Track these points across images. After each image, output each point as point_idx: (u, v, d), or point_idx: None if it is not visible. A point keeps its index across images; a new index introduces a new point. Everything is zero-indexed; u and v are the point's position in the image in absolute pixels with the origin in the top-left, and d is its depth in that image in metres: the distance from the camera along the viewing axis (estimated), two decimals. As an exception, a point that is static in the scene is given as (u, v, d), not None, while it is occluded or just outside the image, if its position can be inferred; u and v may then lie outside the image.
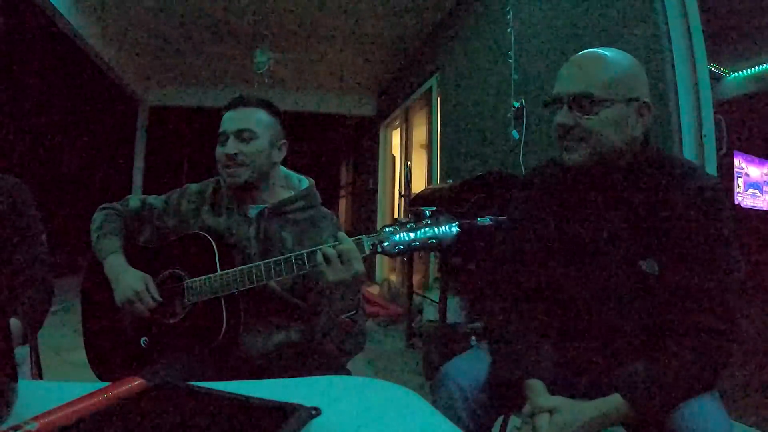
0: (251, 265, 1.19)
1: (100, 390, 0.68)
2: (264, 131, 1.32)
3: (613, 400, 0.95)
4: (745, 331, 1.01)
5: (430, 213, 1.08)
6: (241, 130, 1.29)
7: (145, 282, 1.27)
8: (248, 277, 1.18)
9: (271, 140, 1.33)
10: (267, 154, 1.32)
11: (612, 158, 1.06)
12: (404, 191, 4.48)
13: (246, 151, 1.29)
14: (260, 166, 1.31)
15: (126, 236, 1.38)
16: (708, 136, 2.09)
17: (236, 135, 1.29)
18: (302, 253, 1.14)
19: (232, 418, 0.66)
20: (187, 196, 1.40)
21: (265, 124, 1.33)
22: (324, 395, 0.79)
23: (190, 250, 1.28)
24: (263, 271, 1.17)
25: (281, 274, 1.16)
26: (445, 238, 1.07)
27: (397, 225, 1.09)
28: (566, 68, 1.08)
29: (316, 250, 1.12)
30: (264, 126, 1.32)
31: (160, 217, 1.40)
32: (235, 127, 1.30)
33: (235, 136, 1.29)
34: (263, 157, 1.31)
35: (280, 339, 1.28)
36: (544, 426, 0.96)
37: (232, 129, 1.30)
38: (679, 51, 2.13)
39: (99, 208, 1.42)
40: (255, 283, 1.18)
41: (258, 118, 1.32)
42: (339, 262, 1.09)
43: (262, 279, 1.18)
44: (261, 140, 1.31)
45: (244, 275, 1.19)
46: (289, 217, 1.35)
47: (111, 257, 1.31)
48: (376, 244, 1.09)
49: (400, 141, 6.73)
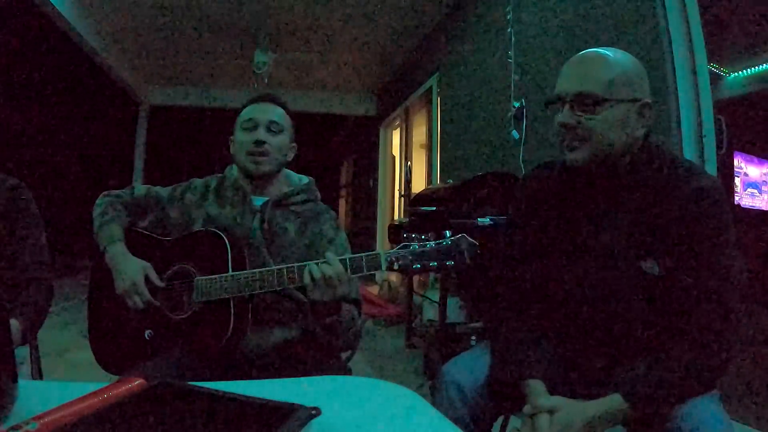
0: (264, 269, 1.19)
1: (100, 390, 0.68)
2: (288, 129, 1.41)
3: (613, 400, 0.95)
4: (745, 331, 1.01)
5: (450, 233, 1.09)
6: (272, 122, 1.36)
7: (145, 272, 1.26)
8: (260, 284, 1.18)
9: (290, 139, 1.42)
10: (286, 151, 1.40)
11: (613, 158, 1.06)
12: (404, 191, 4.49)
13: (273, 142, 1.35)
14: (280, 160, 1.38)
15: (128, 223, 1.38)
16: (708, 136, 2.09)
17: (267, 125, 1.36)
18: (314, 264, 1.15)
19: (232, 418, 0.66)
20: (191, 189, 1.43)
21: (289, 122, 1.41)
22: (324, 395, 0.79)
23: (203, 247, 1.28)
24: (275, 279, 1.17)
25: (293, 283, 1.16)
26: (464, 259, 1.07)
27: (415, 243, 1.10)
28: (568, 68, 1.08)
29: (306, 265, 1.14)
30: (288, 124, 1.41)
31: (164, 207, 1.41)
32: (267, 118, 1.36)
33: (265, 126, 1.35)
34: (284, 152, 1.39)
35: (282, 336, 1.29)
36: (544, 426, 0.96)
37: (264, 119, 1.36)
38: (679, 51, 2.13)
39: (102, 195, 1.41)
40: (266, 289, 1.18)
41: (285, 115, 1.40)
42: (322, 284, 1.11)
43: (274, 285, 1.18)
44: (285, 136, 1.39)
45: (256, 280, 1.18)
46: (292, 208, 1.38)
47: (112, 246, 1.31)
48: (393, 261, 1.10)
49: (400, 141, 6.73)
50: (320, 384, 0.88)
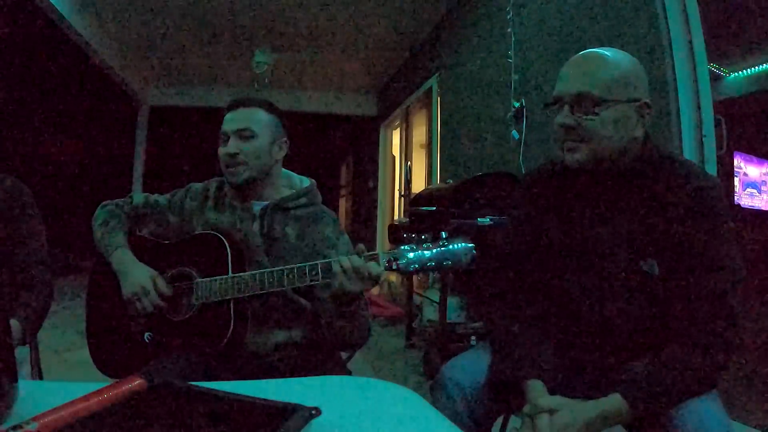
0: (264, 271, 1.19)
1: (100, 390, 0.68)
2: (264, 130, 1.34)
3: (613, 400, 0.95)
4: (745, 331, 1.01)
5: (447, 234, 1.09)
6: (240, 130, 1.31)
7: (153, 278, 1.27)
8: (260, 284, 1.19)
9: (271, 138, 1.35)
10: (267, 152, 1.34)
11: (613, 158, 1.06)
12: (404, 191, 4.49)
13: (246, 150, 1.31)
14: (261, 164, 1.33)
15: (129, 231, 1.39)
16: (708, 136, 2.09)
17: (236, 134, 1.31)
18: (316, 264, 1.15)
19: (232, 418, 0.66)
20: (190, 195, 1.42)
21: (264, 123, 1.34)
22: (324, 395, 0.79)
23: (202, 249, 1.28)
24: (275, 279, 1.17)
25: (293, 283, 1.17)
26: (460, 260, 1.07)
27: (414, 243, 1.10)
28: (567, 68, 1.08)
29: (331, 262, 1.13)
30: (263, 125, 1.34)
31: (164, 214, 1.41)
32: (235, 126, 1.32)
33: (235, 135, 1.31)
34: (263, 155, 1.33)
35: (283, 337, 1.29)
36: (544, 426, 0.96)
37: (233, 129, 1.32)
38: (679, 51, 2.13)
39: (101, 205, 1.42)
40: (266, 289, 1.18)
41: (257, 118, 1.34)
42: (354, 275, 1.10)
43: (273, 286, 1.18)
44: (261, 139, 1.33)
45: (256, 281, 1.19)
46: (292, 213, 1.36)
47: (118, 252, 1.32)
48: (392, 261, 1.10)
49: (400, 141, 6.73)
50: (320, 384, 0.89)
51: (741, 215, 4.84)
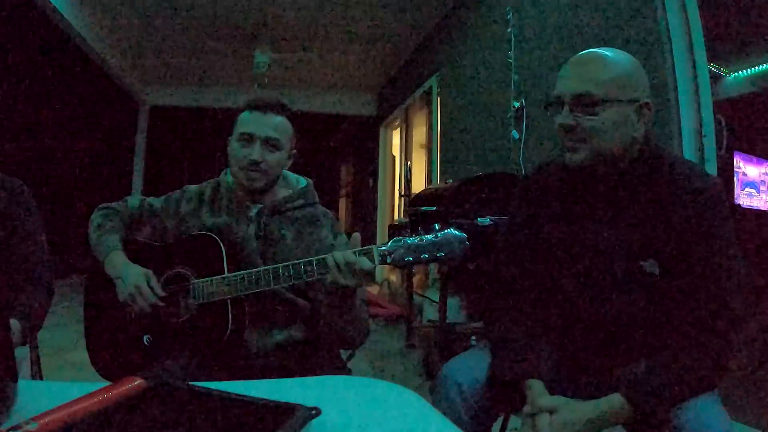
0: (260, 269, 1.19)
1: (100, 390, 0.68)
2: (287, 142, 1.34)
3: (613, 400, 0.95)
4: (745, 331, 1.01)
5: (439, 226, 1.08)
6: (270, 138, 1.30)
7: (147, 277, 1.26)
8: (256, 282, 1.18)
9: (289, 150, 1.36)
10: (284, 163, 1.36)
11: (613, 158, 1.06)
12: (404, 191, 4.48)
13: (270, 160, 1.30)
14: (276, 174, 1.34)
15: (124, 234, 1.38)
16: (708, 136, 2.09)
17: (265, 142, 1.29)
18: (311, 260, 1.15)
19: (232, 418, 0.66)
20: (186, 197, 1.41)
21: (288, 135, 1.35)
22: (324, 395, 0.79)
23: (198, 250, 1.28)
24: (271, 277, 1.17)
25: (289, 280, 1.17)
26: (454, 250, 1.07)
27: (406, 237, 1.10)
28: (567, 69, 1.08)
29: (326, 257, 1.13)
30: (287, 137, 1.34)
31: (159, 217, 1.40)
32: (265, 134, 1.29)
33: (263, 142, 1.29)
34: (281, 166, 1.34)
35: (282, 337, 1.29)
36: (544, 426, 0.96)
37: (262, 135, 1.29)
38: (679, 51, 2.13)
39: (97, 208, 1.42)
40: (263, 287, 1.18)
41: (285, 128, 1.34)
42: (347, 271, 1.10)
43: (270, 284, 1.18)
44: (283, 151, 1.33)
45: (252, 279, 1.19)
46: (288, 214, 1.36)
47: (112, 254, 1.31)
48: (386, 254, 1.10)
49: (400, 141, 6.73)
50: (320, 384, 0.89)
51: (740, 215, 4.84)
